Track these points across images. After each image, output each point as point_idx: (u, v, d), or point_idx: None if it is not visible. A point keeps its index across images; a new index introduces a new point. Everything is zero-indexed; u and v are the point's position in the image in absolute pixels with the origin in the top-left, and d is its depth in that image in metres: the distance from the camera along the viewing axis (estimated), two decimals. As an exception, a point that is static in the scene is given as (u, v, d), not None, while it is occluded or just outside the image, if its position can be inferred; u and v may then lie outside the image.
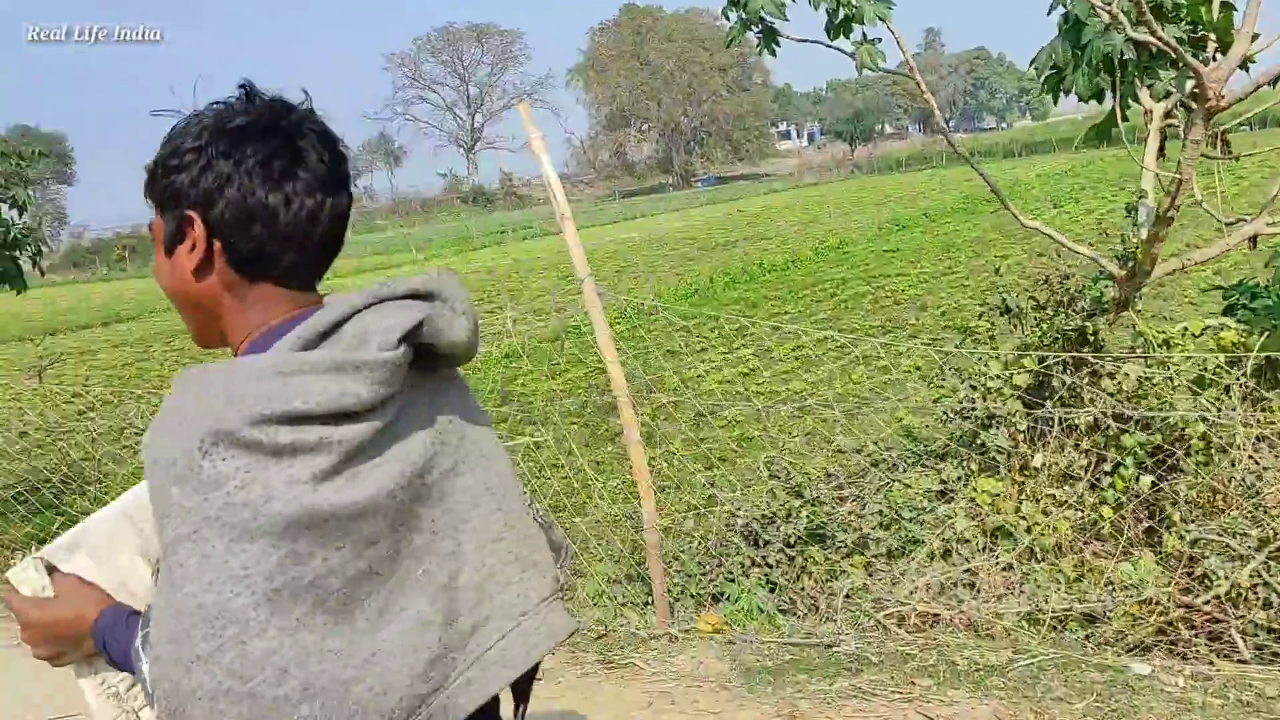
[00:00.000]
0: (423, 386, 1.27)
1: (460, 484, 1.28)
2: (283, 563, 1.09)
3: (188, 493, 1.09)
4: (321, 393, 1.11)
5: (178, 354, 18.59)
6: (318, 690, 1.09)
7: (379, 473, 1.16)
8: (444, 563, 1.23)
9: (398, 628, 1.16)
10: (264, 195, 1.20)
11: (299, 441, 1.10)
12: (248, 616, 1.07)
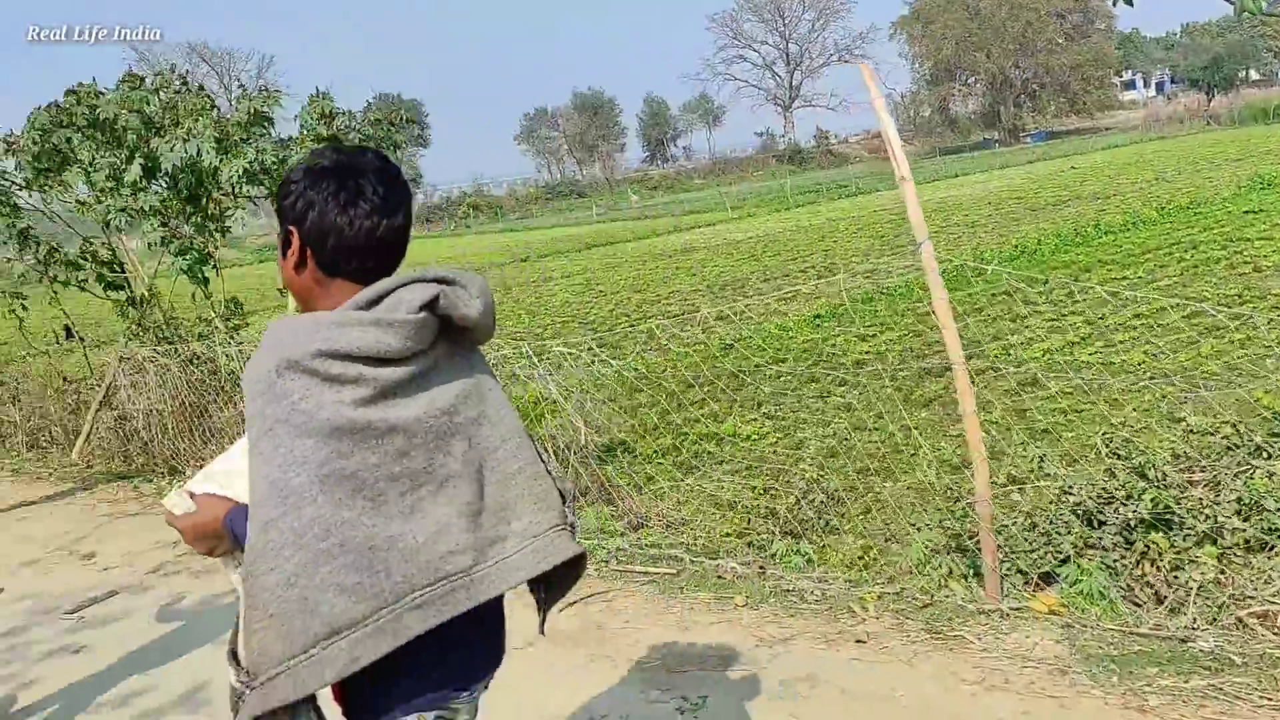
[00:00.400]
0: (453, 356, 1.75)
1: (484, 431, 1.75)
2: (329, 456, 1.57)
3: (267, 402, 1.59)
4: (362, 339, 1.59)
5: (514, 303, 19.98)
6: (351, 548, 1.55)
7: (409, 406, 1.63)
8: (468, 487, 1.69)
9: (422, 524, 1.62)
10: (334, 218, 1.70)
11: (344, 374, 1.58)
12: (303, 491, 1.56)
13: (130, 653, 4.38)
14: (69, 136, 9.17)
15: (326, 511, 1.56)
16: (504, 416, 1.82)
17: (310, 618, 1.55)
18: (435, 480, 1.66)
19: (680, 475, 7.27)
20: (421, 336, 1.66)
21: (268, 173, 8.60)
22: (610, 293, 19.91)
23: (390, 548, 1.59)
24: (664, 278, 21.32)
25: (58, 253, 9.74)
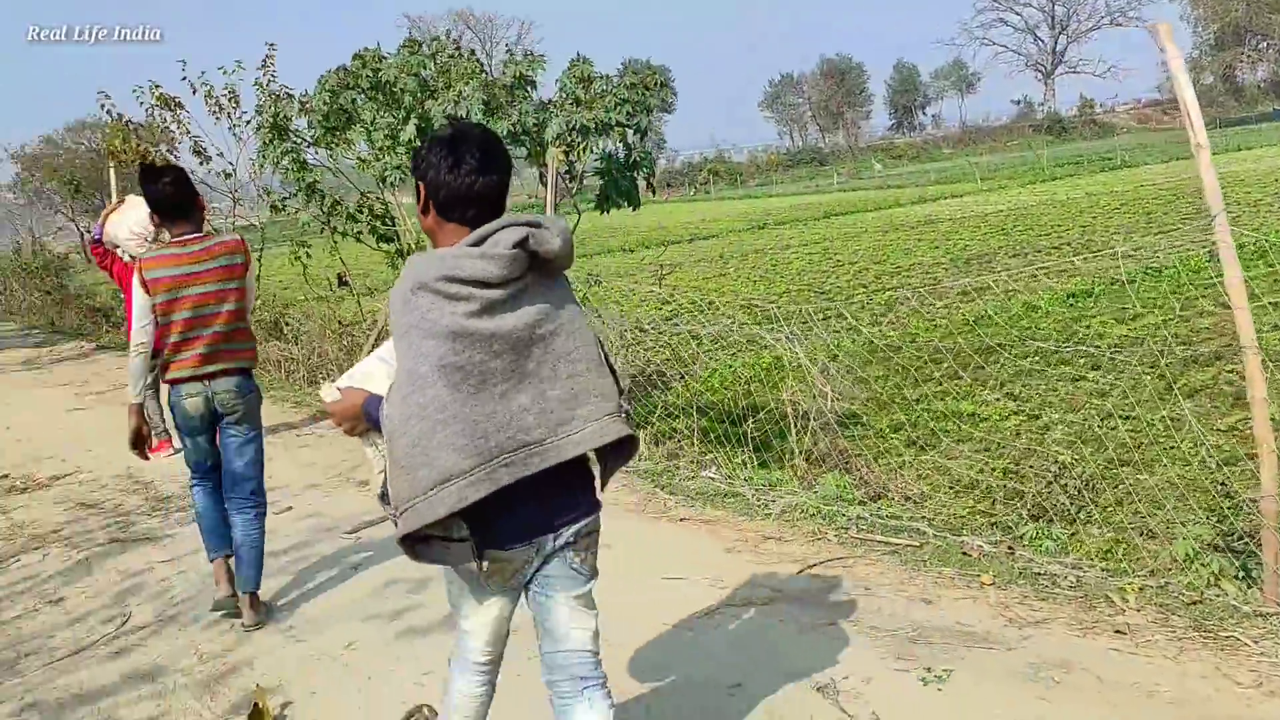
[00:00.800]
0: (540, 282, 2.30)
1: (560, 340, 2.30)
2: (445, 352, 2.17)
3: (404, 313, 2.22)
4: (471, 268, 2.17)
5: (750, 270, 19.99)
6: (459, 420, 2.17)
7: (504, 319, 2.21)
8: (545, 381, 2.27)
9: (509, 406, 2.22)
10: (443, 175, 2.28)
11: (459, 293, 2.17)
12: (427, 377, 2.17)
13: (400, 573, 4.78)
14: (354, 98, 9.92)
15: (443, 393, 2.19)
16: (577, 329, 2.37)
17: (430, 469, 2.18)
18: (520, 375, 2.26)
19: (915, 451, 7.12)
20: (515, 267, 2.22)
21: (528, 134, 8.97)
22: (848, 263, 19.55)
23: (487, 421, 2.21)
24: (905, 249, 20.73)
25: (339, 206, 10.59)
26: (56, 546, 5.82)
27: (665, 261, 17.59)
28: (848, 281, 17.13)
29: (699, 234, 30.49)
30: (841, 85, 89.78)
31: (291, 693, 3.73)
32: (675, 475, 6.02)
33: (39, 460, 8.11)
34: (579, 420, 2.31)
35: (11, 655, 4.34)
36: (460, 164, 2.28)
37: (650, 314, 13.74)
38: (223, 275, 4.23)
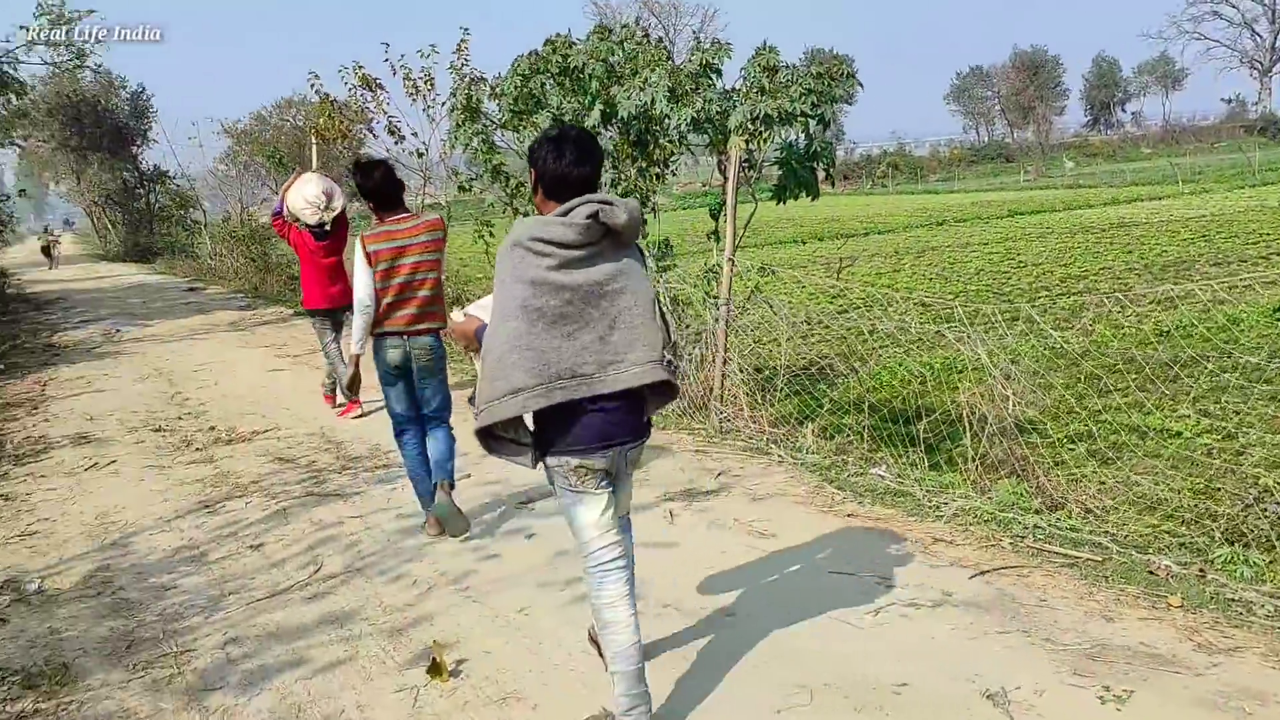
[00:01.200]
0: (612, 250, 2.97)
1: (623, 298, 2.95)
2: (528, 295, 2.86)
3: (504, 262, 2.93)
4: (554, 232, 2.86)
5: (927, 267, 19.48)
6: (530, 348, 2.85)
7: (576, 274, 2.89)
8: (603, 329, 2.93)
9: (571, 345, 2.89)
10: (549, 164, 2.98)
11: (543, 250, 2.87)
12: (511, 313, 2.88)
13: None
14: (543, 82, 10.20)
15: (522, 327, 2.90)
16: (639, 290, 3.02)
17: (504, 381, 2.91)
18: (585, 320, 2.94)
19: (1096, 464, 6.82)
20: (589, 234, 2.92)
21: (710, 122, 9.00)
22: (1031, 264, 18.79)
23: (552, 353, 2.90)
24: (1094, 253, 19.75)
25: (523, 188, 10.94)
26: (257, 496, 6.28)
27: (844, 255, 17.33)
28: (1029, 284, 16.48)
29: (874, 228, 29.89)
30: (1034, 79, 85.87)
31: (467, 650, 3.93)
32: (843, 470, 5.97)
33: (243, 415, 8.74)
34: (626, 363, 2.97)
35: (217, 593, 4.72)
36: (562, 156, 3.01)
37: (820, 306, 13.60)
38: (427, 248, 5.04)
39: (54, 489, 6.82)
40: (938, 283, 17.54)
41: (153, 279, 26.42)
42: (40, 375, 11.59)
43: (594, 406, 2.96)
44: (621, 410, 3.03)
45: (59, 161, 44.50)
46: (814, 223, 31.80)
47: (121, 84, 39.90)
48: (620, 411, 3.02)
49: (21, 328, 16.79)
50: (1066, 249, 20.83)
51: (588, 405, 2.96)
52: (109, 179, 39.98)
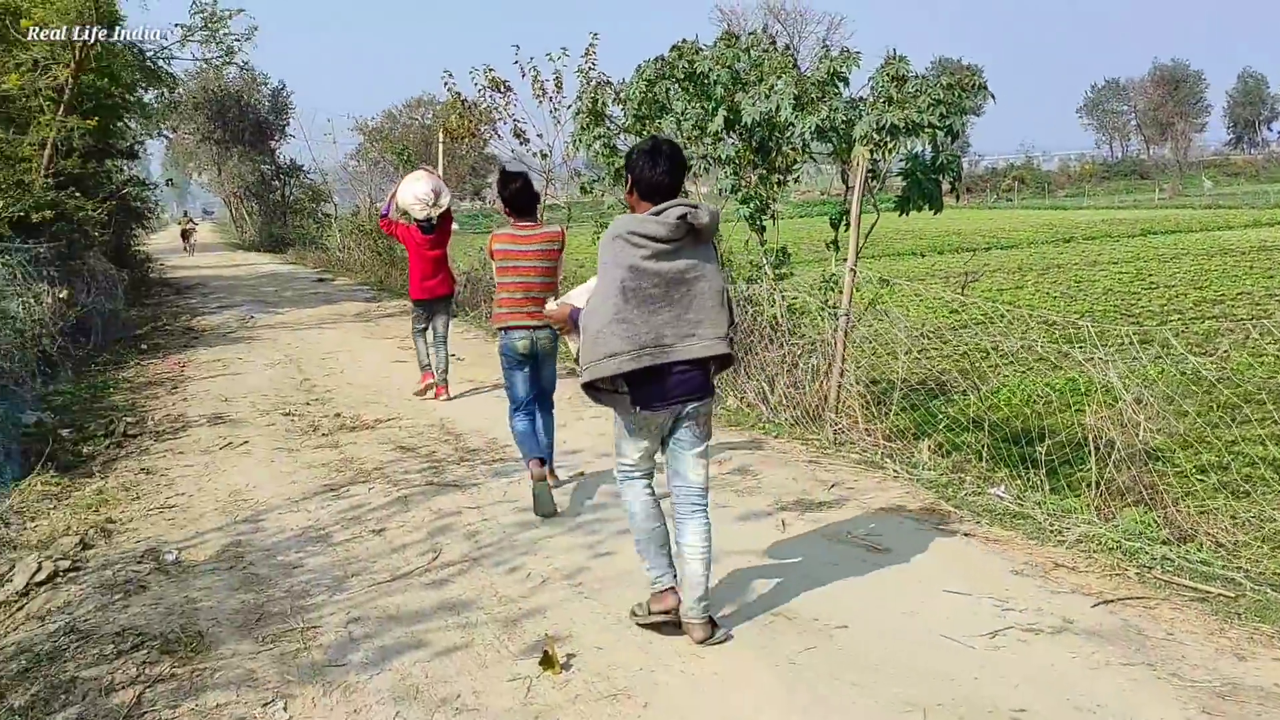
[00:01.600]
0: (694, 245, 3.70)
1: (699, 284, 3.69)
2: (625, 279, 3.64)
3: (607, 250, 3.72)
4: (648, 227, 3.63)
5: (1050, 285, 18.92)
6: (624, 320, 3.62)
7: (664, 264, 3.64)
8: (681, 309, 3.67)
9: (656, 320, 3.64)
10: (644, 172, 3.71)
11: (639, 242, 3.63)
12: (611, 293, 3.66)
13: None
14: (668, 87, 10.26)
15: (619, 303, 3.64)
16: (713, 278, 3.77)
17: (604, 346, 3.66)
18: (669, 301, 3.68)
19: (1227, 496, 6.54)
20: (676, 231, 3.64)
21: (835, 131, 8.92)
22: (1163, 286, 18.07)
23: (642, 325, 3.64)
24: (1232, 277, 18.89)
25: (643, 191, 11.06)
26: (380, 482, 6.49)
27: (970, 269, 16.97)
28: (1161, 306, 15.86)
29: (997, 243, 29.16)
30: (1174, 94, 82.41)
31: (578, 645, 3.99)
32: (960, 489, 5.85)
33: (366, 404, 9.04)
34: (697, 338, 3.74)
35: (341, 574, 4.90)
36: (656, 166, 3.74)
37: (939, 320, 13.34)
38: (541, 255, 5.82)
39: (191, 465, 7.18)
40: (1062, 301, 17.01)
41: (284, 268, 27.51)
42: (180, 357, 12.20)
43: (671, 370, 3.73)
44: (692, 373, 3.78)
45: (202, 153, 46.76)
46: (935, 235, 31.18)
47: (263, 80, 41.67)
48: (691, 374, 3.78)
49: (163, 310, 17.70)
50: (1202, 271, 19.97)
51: (666, 368, 3.72)
52: (248, 171, 41.83)
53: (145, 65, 16.99)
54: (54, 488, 6.64)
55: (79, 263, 13.69)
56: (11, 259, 9.99)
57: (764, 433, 7.43)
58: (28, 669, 4.06)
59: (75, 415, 8.98)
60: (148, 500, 6.35)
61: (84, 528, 5.74)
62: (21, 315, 9.42)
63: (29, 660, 4.14)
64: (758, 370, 8.49)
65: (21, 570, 5.11)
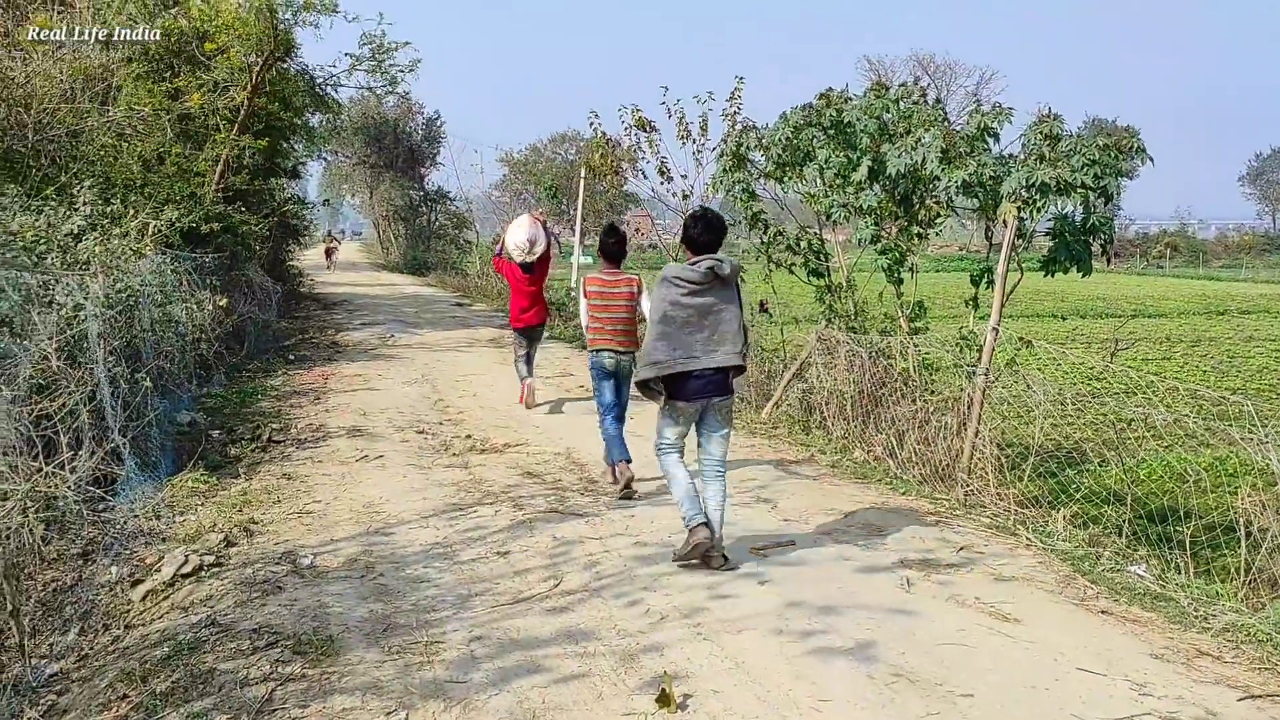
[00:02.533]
0: (720, 286, 5.24)
1: (723, 314, 5.24)
2: (668, 309, 5.22)
3: (658, 288, 5.29)
4: (685, 273, 5.23)
5: (1201, 358, 18.02)
6: (666, 338, 5.20)
7: (695, 300, 5.20)
8: (709, 332, 5.22)
9: (689, 340, 5.19)
10: (691, 233, 5.37)
11: (679, 284, 5.23)
12: (660, 319, 5.23)
13: (806, 597, 4.91)
14: (813, 135, 10.25)
15: (664, 327, 5.15)
16: (734, 309, 5.25)
17: (651, 355, 5.18)
18: (700, 326, 5.16)
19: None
20: (706, 277, 5.15)
21: (982, 186, 8.74)
22: (1328, 367, 16.98)
23: (679, 342, 5.14)
24: (1407, 360, 17.62)
25: (780, 236, 10.99)
26: (505, 505, 6.61)
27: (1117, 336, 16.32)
28: (1323, 387, 14.91)
29: (1144, 311, 27.99)
30: (1347, 164, 77.86)
31: (695, 686, 3.96)
32: (1097, 564, 5.60)
33: (496, 428, 9.23)
34: (720, 352, 5.20)
35: (465, 593, 5.00)
36: (698, 228, 5.31)
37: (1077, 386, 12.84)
38: (624, 296, 7.28)
39: (329, 475, 7.45)
40: (1213, 376, 16.20)
41: (425, 291, 28.42)
42: (324, 369, 12.71)
43: (698, 375, 5.23)
44: (716, 378, 5.28)
45: (356, 176, 48.93)
46: (1078, 299, 30.15)
47: (419, 109, 43.39)
48: (715, 378, 5.28)
49: (310, 324, 18.48)
50: (1371, 353, 18.72)
51: (695, 373, 5.22)
52: (397, 195, 43.52)
53: (314, 91, 17.92)
54: (202, 485, 6.99)
55: (239, 273, 14.45)
56: (180, 267, 10.59)
57: (891, 488, 7.28)
58: (170, 656, 4.26)
59: (225, 418, 9.43)
60: (288, 504, 6.61)
61: (228, 526, 6.02)
62: (184, 320, 9.96)
63: (171, 648, 4.34)
64: (887, 424, 8.33)
65: (170, 562, 5.39)
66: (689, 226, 5.36)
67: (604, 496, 6.86)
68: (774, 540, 5.84)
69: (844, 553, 5.67)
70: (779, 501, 6.79)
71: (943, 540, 5.96)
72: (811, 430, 9.19)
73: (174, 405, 9.16)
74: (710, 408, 5.29)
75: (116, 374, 6.83)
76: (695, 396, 5.24)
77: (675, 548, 5.49)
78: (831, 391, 9.06)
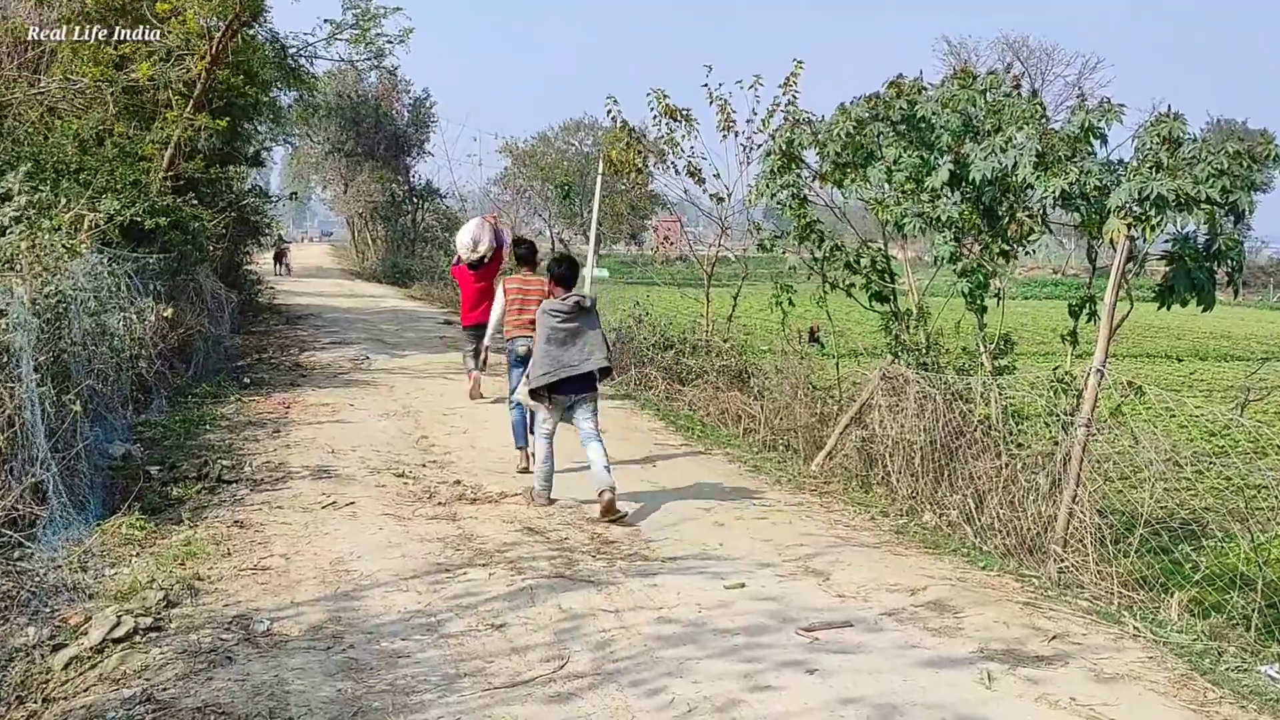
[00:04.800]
0: (584, 315, 8.38)
1: (589, 333, 8.35)
2: (546, 330, 8.28)
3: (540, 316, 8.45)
4: (558, 306, 8.34)
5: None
6: (550, 356, 8.19)
7: (569, 324, 8.28)
8: (582, 347, 8.28)
9: (566, 353, 8.22)
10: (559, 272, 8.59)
11: (554, 314, 8.33)
12: (542, 338, 8.33)
13: (862, 693, 4.88)
14: (880, 130, 10.28)
15: (546, 346, 8.18)
16: (596, 330, 8.39)
17: (540, 369, 8.18)
18: (572, 344, 8.20)
19: None
20: (573, 309, 8.25)
21: (1085, 198, 8.72)
22: None
23: (558, 357, 8.14)
24: None
25: (840, 251, 10.97)
26: (501, 568, 6.62)
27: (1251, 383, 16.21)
28: None
29: (1278, 354, 27.80)
30: None
31: (728, 795, 3.94)
32: (1219, 661, 5.56)
33: (490, 473, 9.27)
34: (590, 361, 8.14)
35: (451, 672, 5.01)
36: (563, 269, 8.49)
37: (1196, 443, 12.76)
38: (538, 294, 9.24)
39: (289, 523, 7.49)
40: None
41: (407, 305, 28.60)
42: (285, 396, 12.79)
43: (571, 379, 8.06)
44: (583, 380, 8.15)
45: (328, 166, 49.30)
46: (1197, 336, 30.08)
47: (405, 87, 43.69)
48: (583, 381, 8.15)
49: (270, 341, 18.63)
50: None
51: (569, 379, 8.05)
52: (377, 190, 43.76)
53: (285, 63, 18.14)
54: (138, 532, 7.04)
55: (188, 278, 14.60)
56: (119, 268, 10.71)
57: (968, 560, 7.25)
58: (96, 738, 4.27)
59: (167, 451, 9.51)
60: (240, 558, 6.64)
61: (169, 582, 6.05)
62: (121, 333, 10.06)
63: (98, 728, 4.36)
64: (964, 483, 8.30)
65: (98, 623, 5.42)
66: (555, 268, 8.57)
67: (620, 560, 6.86)
68: (826, 621, 5.82)
69: (910, 638, 5.64)
70: (832, 573, 6.77)
71: (1031, 627, 5.93)
72: (872, 487, 9.18)
73: (106, 434, 9.24)
74: (582, 400, 8.31)
75: (42, 395, 6.91)
76: (570, 394, 8.27)
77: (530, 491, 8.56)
78: (897, 441, 9.04)
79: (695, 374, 14.32)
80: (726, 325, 15.63)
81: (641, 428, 11.94)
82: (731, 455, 10.62)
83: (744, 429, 11.99)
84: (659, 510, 8.21)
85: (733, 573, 6.64)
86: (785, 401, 11.74)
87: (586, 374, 8.20)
